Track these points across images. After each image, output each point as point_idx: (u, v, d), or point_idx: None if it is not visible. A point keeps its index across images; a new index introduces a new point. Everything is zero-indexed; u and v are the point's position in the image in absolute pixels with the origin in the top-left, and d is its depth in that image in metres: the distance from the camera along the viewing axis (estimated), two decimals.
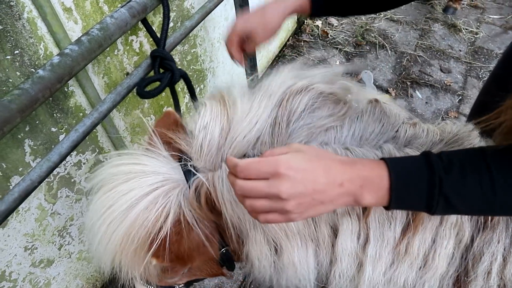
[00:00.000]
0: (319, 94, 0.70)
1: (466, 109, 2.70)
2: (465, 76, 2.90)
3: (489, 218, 0.72)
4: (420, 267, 0.76)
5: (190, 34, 1.53)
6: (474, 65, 2.98)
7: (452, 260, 0.74)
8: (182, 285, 0.89)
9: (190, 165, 0.69)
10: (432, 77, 2.89)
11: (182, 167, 0.70)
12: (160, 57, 1.05)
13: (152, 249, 0.65)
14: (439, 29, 3.27)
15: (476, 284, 0.73)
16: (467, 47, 3.13)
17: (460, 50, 3.09)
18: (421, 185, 0.56)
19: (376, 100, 0.76)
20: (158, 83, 1.08)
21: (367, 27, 3.22)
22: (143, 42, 1.33)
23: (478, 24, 3.35)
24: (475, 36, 3.22)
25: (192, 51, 1.68)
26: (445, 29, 3.28)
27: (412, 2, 3.49)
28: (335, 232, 0.73)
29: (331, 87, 0.72)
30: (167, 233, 0.65)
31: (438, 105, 2.73)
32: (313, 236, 0.72)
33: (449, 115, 2.67)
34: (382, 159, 0.59)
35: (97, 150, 1.32)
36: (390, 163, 0.58)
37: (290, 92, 0.69)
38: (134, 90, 1.07)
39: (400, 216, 0.72)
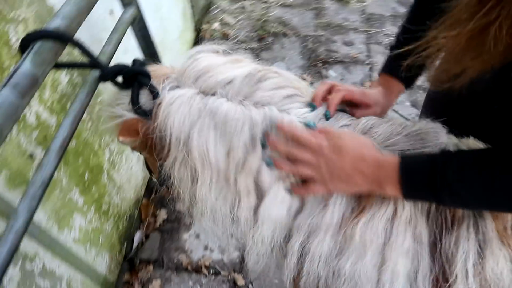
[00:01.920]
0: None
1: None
2: (366, 44, 3.01)
3: (451, 215, 0.71)
4: (378, 262, 0.73)
5: None
6: (371, 31, 3.10)
7: (416, 258, 0.72)
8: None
9: (173, 84, 0.79)
10: (339, 53, 2.94)
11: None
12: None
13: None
14: (330, 4, 3.35)
15: (457, 286, 0.69)
16: (360, 16, 3.25)
17: (355, 21, 3.20)
18: (425, 179, 0.63)
19: None
20: None
21: (264, 18, 3.17)
22: (39, 111, 1.07)
23: None
24: (363, 4, 3.36)
25: (98, 99, 1.43)
26: (336, 3, 3.37)
27: None
28: (260, 189, 0.75)
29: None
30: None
31: (352, 79, 2.79)
32: (231, 182, 0.75)
33: (364, 85, 2.75)
34: (400, 156, 0.67)
35: (21, 258, 1.04)
36: (402, 161, 0.66)
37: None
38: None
39: (341, 199, 0.74)
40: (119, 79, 0.85)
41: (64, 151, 0.85)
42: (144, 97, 0.80)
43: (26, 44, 0.75)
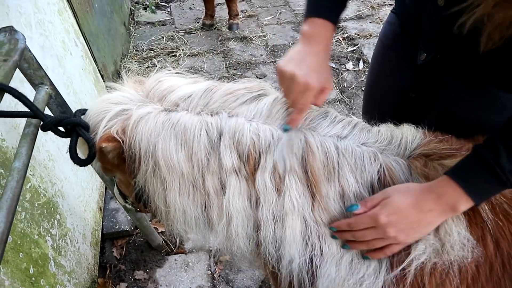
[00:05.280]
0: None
1: None
2: None
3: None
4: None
5: None
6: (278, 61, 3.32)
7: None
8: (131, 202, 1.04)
9: (142, 100, 0.87)
10: None
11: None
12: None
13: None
14: (235, 45, 3.55)
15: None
16: (265, 50, 3.48)
17: (261, 55, 3.41)
18: (485, 177, 0.69)
19: None
20: None
21: (176, 71, 3.24)
22: None
23: (261, 28, 3.76)
24: (265, 38, 3.61)
25: (27, 186, 1.36)
26: (240, 43, 3.58)
27: (201, 33, 3.69)
28: (223, 187, 0.82)
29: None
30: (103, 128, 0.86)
31: None
32: (198, 184, 0.82)
33: None
34: (446, 174, 0.72)
35: None
36: (453, 176, 0.71)
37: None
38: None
39: (295, 181, 0.79)
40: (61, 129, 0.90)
41: (2, 250, 0.80)
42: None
43: None
